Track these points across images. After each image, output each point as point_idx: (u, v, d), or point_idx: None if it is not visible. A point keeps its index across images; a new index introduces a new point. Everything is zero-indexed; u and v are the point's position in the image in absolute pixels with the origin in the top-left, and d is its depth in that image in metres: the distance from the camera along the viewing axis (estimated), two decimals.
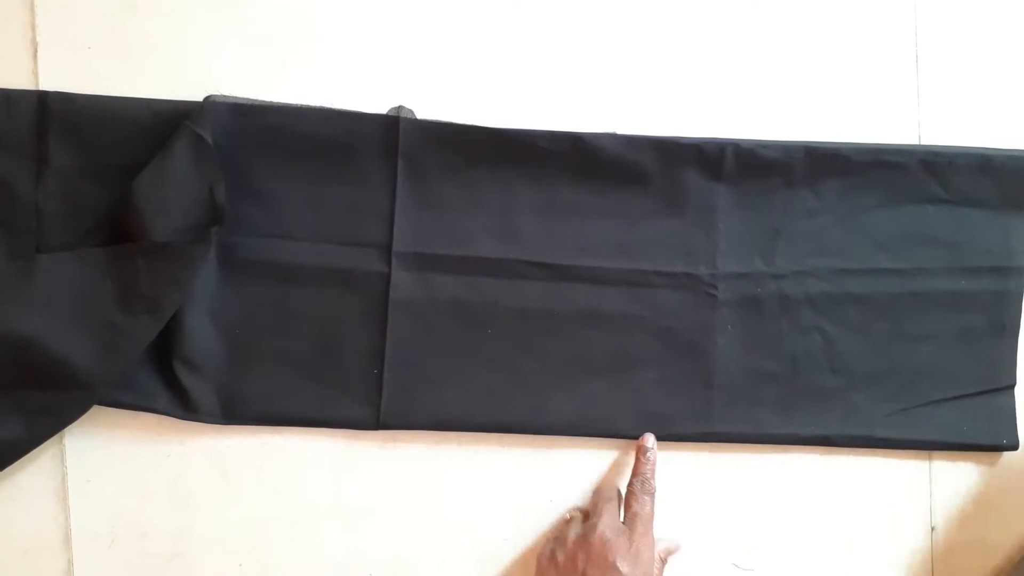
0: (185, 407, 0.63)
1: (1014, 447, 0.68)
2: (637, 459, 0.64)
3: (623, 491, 0.64)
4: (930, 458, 0.69)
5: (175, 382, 0.63)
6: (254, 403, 0.64)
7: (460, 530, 0.66)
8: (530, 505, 0.67)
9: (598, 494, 0.63)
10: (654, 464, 0.63)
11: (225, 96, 0.64)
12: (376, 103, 0.65)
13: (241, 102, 0.63)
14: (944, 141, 0.68)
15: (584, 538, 0.58)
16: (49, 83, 0.63)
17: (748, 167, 0.66)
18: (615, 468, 0.67)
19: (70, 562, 0.64)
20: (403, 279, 0.65)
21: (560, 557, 0.59)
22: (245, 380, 0.64)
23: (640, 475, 0.63)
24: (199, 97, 0.63)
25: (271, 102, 0.64)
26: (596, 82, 0.67)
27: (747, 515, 0.68)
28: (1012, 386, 0.68)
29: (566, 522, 0.63)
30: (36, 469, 0.64)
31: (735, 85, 0.68)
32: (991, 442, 0.68)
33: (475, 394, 0.65)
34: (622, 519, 0.61)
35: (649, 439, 0.63)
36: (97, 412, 0.63)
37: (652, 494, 0.62)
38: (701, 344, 0.66)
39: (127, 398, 0.63)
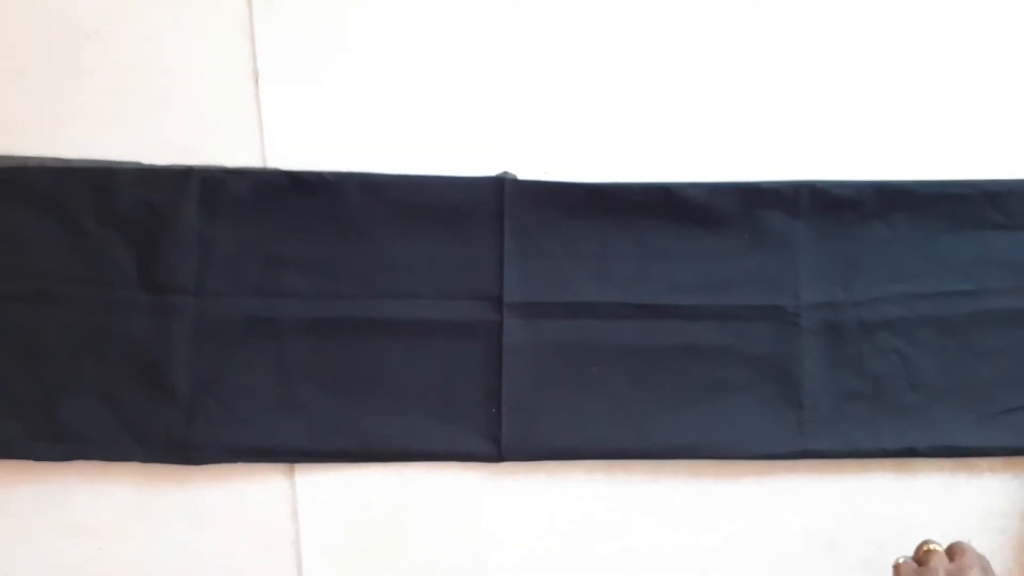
0: (320, 448, 0.71)
1: None
2: None
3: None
4: None
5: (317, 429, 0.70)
6: (388, 443, 0.71)
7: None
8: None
9: (960, 543, 0.62)
10: None
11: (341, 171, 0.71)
12: (482, 169, 0.72)
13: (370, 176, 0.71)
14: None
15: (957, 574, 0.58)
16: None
17: (823, 205, 0.72)
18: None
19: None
20: (514, 326, 0.71)
21: None
22: (380, 424, 0.71)
23: None
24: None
25: (392, 174, 0.71)
26: (681, 132, 0.74)
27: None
28: None
29: (928, 551, 0.61)
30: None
31: (811, 127, 0.74)
32: None
33: (586, 426, 0.71)
34: None
35: None
36: None
37: None
38: (789, 369, 0.72)
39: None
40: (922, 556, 0.61)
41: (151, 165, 0.71)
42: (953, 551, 0.61)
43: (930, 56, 0.75)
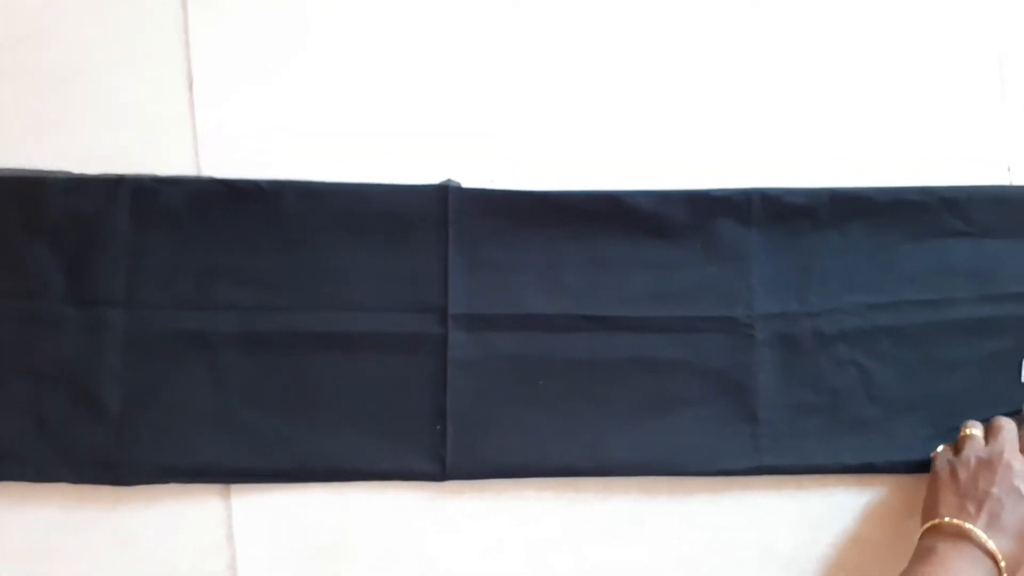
0: (256, 469, 0.68)
1: None
2: None
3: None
4: None
5: (241, 446, 0.67)
6: (325, 461, 0.68)
7: None
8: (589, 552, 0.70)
9: (999, 421, 0.65)
10: None
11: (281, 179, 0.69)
12: (426, 177, 0.70)
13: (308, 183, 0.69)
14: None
15: (989, 461, 0.61)
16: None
17: (776, 213, 0.70)
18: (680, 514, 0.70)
19: None
20: (459, 339, 0.69)
21: (962, 474, 0.61)
22: (317, 442, 0.68)
23: None
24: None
25: (331, 181, 0.69)
26: (627, 140, 0.72)
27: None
28: None
29: (964, 437, 0.64)
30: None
31: (761, 134, 0.72)
32: None
33: (534, 443, 0.69)
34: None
35: None
36: None
37: None
38: (744, 382, 0.70)
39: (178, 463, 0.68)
40: (960, 443, 0.63)
41: (81, 174, 0.69)
42: (989, 431, 0.63)
43: (885, 59, 0.74)
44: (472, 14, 0.72)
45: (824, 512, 0.70)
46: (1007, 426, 0.64)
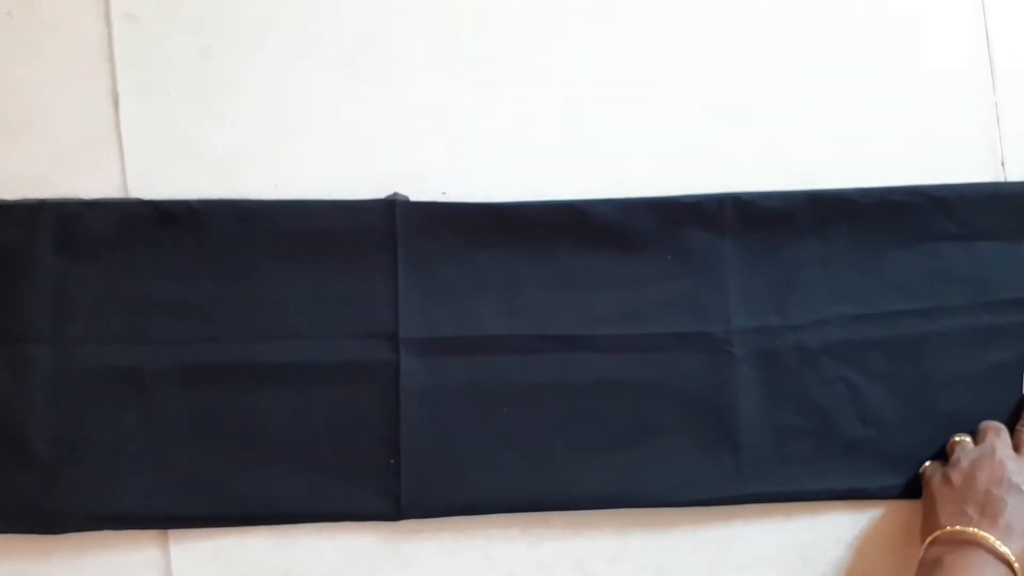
0: (195, 513, 0.63)
1: None
2: None
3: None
4: None
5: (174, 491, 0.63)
6: (269, 504, 0.64)
7: None
8: None
9: (985, 425, 0.63)
10: None
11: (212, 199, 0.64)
12: (372, 192, 0.65)
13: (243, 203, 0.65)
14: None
15: (982, 460, 0.59)
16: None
17: (751, 220, 0.66)
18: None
19: None
20: (412, 366, 0.64)
21: (956, 478, 0.59)
22: (259, 483, 0.63)
23: None
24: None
25: (267, 199, 0.65)
26: (588, 147, 0.67)
27: None
28: None
29: (953, 444, 0.63)
30: None
31: (732, 134, 0.68)
32: None
33: (496, 476, 0.64)
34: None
35: None
36: None
37: None
38: (723, 404, 0.65)
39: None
40: (949, 450, 0.62)
41: (0, 200, 0.64)
42: (978, 434, 0.62)
43: (864, 45, 0.69)
44: (419, 13, 0.67)
45: (814, 543, 0.66)
46: (995, 426, 0.62)
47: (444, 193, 0.66)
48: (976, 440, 0.63)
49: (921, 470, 0.64)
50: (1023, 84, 0.69)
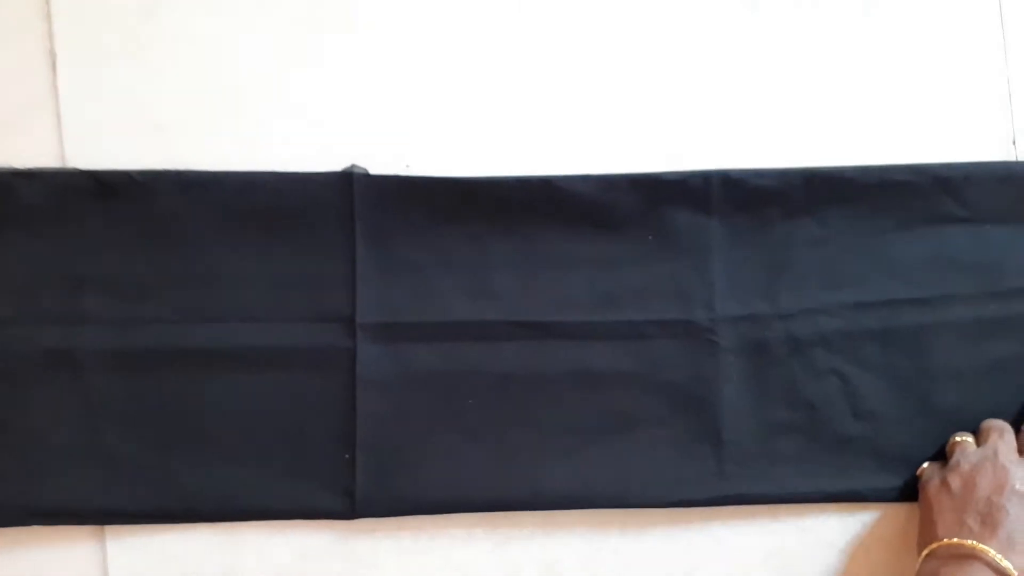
0: (134, 508, 0.59)
1: None
2: None
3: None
4: None
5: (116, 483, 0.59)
6: (216, 500, 0.60)
7: None
8: None
9: (988, 423, 0.59)
10: None
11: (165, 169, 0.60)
12: (328, 163, 0.61)
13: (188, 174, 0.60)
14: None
15: (983, 464, 0.55)
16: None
17: (740, 199, 0.61)
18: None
19: None
20: (370, 353, 0.60)
21: (955, 484, 0.55)
22: (205, 477, 0.60)
23: None
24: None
25: (214, 171, 0.60)
26: (565, 119, 0.62)
27: None
28: None
29: (953, 444, 0.59)
30: None
31: (722, 107, 0.63)
32: None
33: (460, 472, 0.60)
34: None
35: None
36: None
37: None
38: (706, 397, 0.61)
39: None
40: (948, 452, 0.59)
41: None
42: (980, 435, 0.59)
43: (864, 15, 0.64)
44: None
45: (802, 547, 0.62)
46: (998, 426, 0.58)
47: (408, 166, 0.61)
48: (978, 440, 0.59)
49: (919, 472, 0.60)
50: None
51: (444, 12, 0.62)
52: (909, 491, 0.60)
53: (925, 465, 0.60)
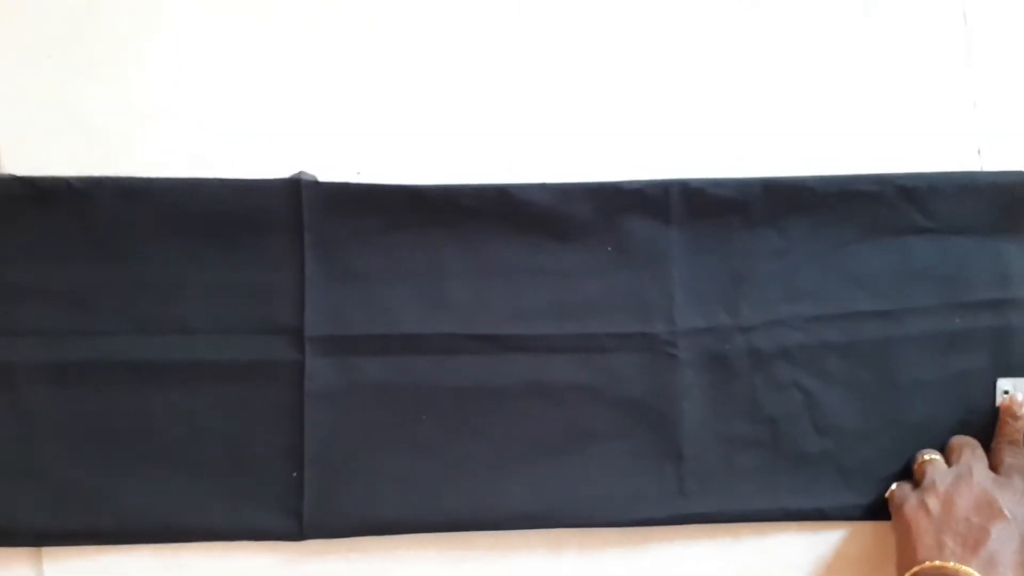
0: (70, 528, 0.57)
1: None
2: (1004, 422, 0.58)
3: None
4: None
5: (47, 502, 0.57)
6: (155, 520, 0.58)
7: None
8: None
9: (958, 441, 0.59)
10: None
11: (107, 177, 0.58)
12: (276, 171, 0.59)
13: (129, 181, 0.58)
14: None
15: (958, 483, 0.55)
16: None
17: (700, 208, 0.60)
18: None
19: None
20: (319, 367, 0.58)
21: (932, 505, 0.54)
22: (143, 495, 0.58)
23: (1006, 436, 0.58)
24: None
25: (156, 177, 0.58)
26: (522, 126, 0.61)
27: None
28: None
29: (923, 463, 0.58)
30: None
31: (681, 114, 0.62)
32: None
33: (413, 491, 0.58)
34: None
35: (1020, 397, 0.58)
36: None
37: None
38: (665, 412, 0.59)
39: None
40: (918, 472, 0.58)
41: None
42: (950, 453, 0.58)
43: (827, 17, 0.62)
44: None
45: (764, 568, 0.60)
46: (969, 442, 0.58)
47: (359, 173, 0.60)
48: (947, 458, 0.58)
49: (888, 494, 0.58)
50: (1002, 64, 0.63)
51: (398, 13, 0.60)
52: (875, 509, 0.59)
53: (895, 486, 0.58)
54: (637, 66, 0.61)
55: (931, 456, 0.58)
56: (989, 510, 0.53)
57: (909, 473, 0.59)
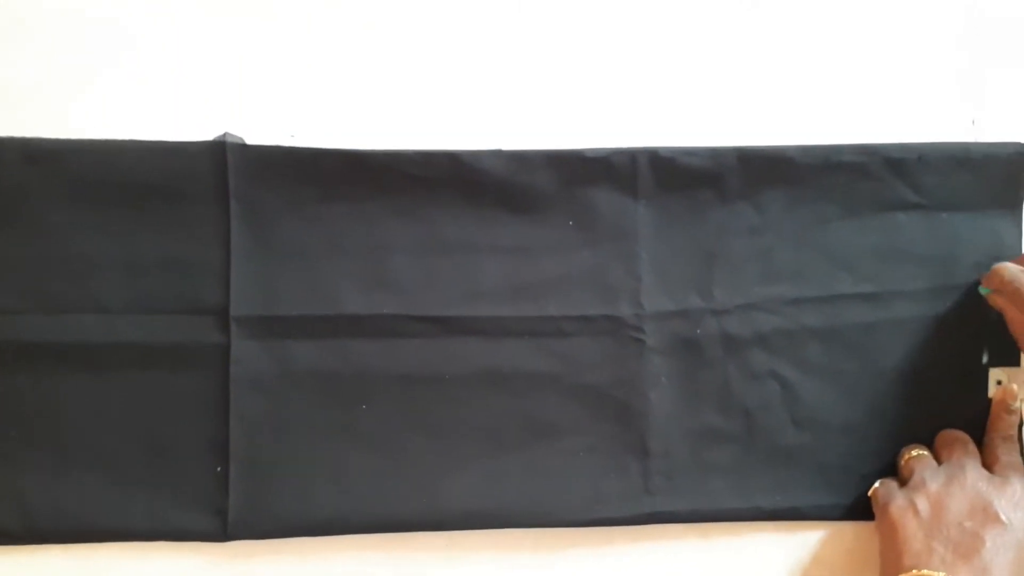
0: None
1: None
2: (998, 416, 0.55)
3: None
4: None
5: None
6: (66, 518, 0.53)
7: None
8: None
9: (948, 435, 0.55)
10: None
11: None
12: (197, 132, 0.54)
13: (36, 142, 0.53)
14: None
15: (950, 483, 0.52)
16: None
17: (670, 180, 0.56)
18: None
19: None
20: (246, 350, 0.54)
21: (922, 506, 0.51)
22: (53, 491, 0.53)
23: (1000, 431, 0.55)
24: None
25: (66, 139, 0.53)
26: (475, 90, 0.57)
27: None
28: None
29: (910, 460, 0.54)
30: None
31: (652, 81, 0.57)
32: None
33: (350, 487, 0.54)
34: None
35: (1014, 389, 0.55)
36: None
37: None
38: (630, 402, 0.56)
39: None
40: (905, 469, 0.55)
41: None
42: (939, 448, 0.55)
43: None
44: None
45: (737, 571, 0.56)
46: (960, 438, 0.55)
47: (292, 136, 0.55)
48: (936, 454, 0.55)
49: (871, 492, 0.55)
50: (1000, 27, 0.59)
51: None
52: (857, 509, 0.56)
53: (878, 484, 0.55)
54: (603, 25, 0.57)
55: (918, 452, 0.55)
56: (984, 515, 0.49)
57: (894, 470, 0.56)
